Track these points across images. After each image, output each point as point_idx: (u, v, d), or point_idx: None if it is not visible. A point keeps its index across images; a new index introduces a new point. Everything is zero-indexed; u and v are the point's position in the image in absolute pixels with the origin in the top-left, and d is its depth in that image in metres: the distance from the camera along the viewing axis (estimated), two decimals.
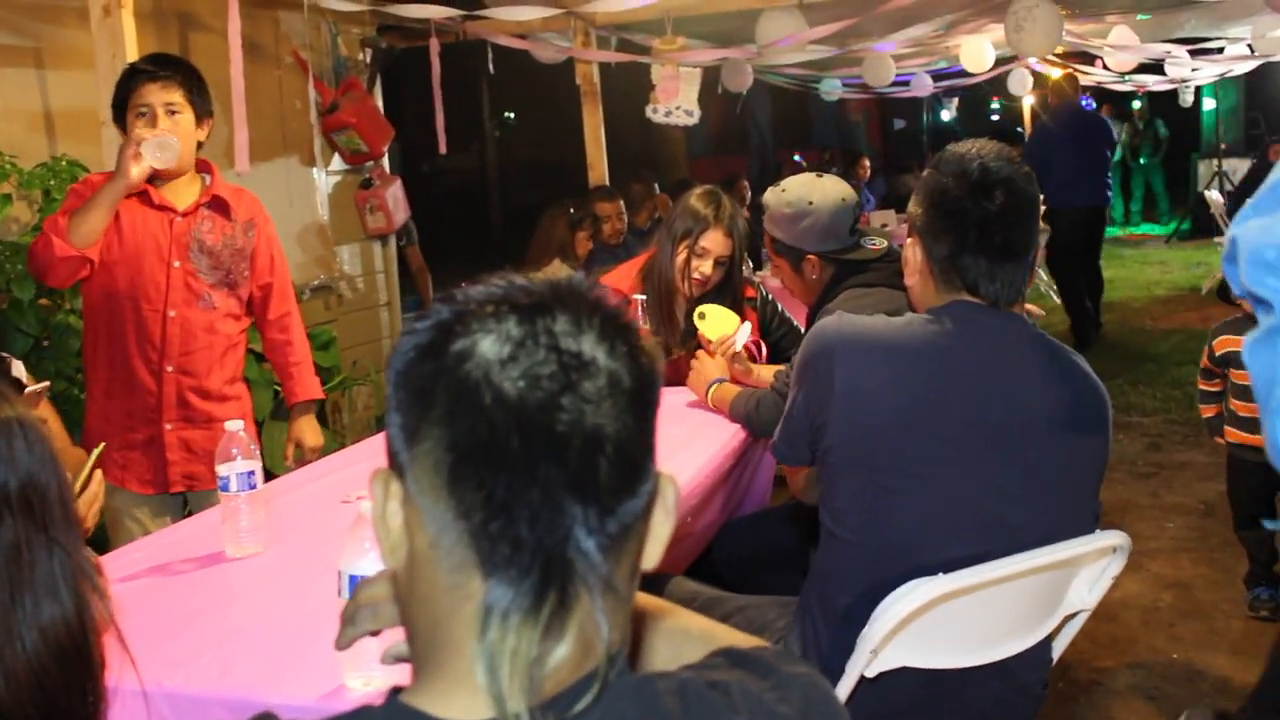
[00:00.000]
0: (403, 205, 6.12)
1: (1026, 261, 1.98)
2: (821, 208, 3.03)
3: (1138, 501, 5.18)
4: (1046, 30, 6.59)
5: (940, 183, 1.99)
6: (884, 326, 1.97)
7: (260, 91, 5.32)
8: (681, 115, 6.71)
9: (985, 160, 1.97)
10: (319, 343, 4.54)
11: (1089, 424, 1.98)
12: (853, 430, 1.93)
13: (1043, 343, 2.00)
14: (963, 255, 1.96)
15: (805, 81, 12.38)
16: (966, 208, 1.95)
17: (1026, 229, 1.97)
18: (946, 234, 1.97)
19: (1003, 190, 1.94)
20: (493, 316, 0.86)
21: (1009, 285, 1.96)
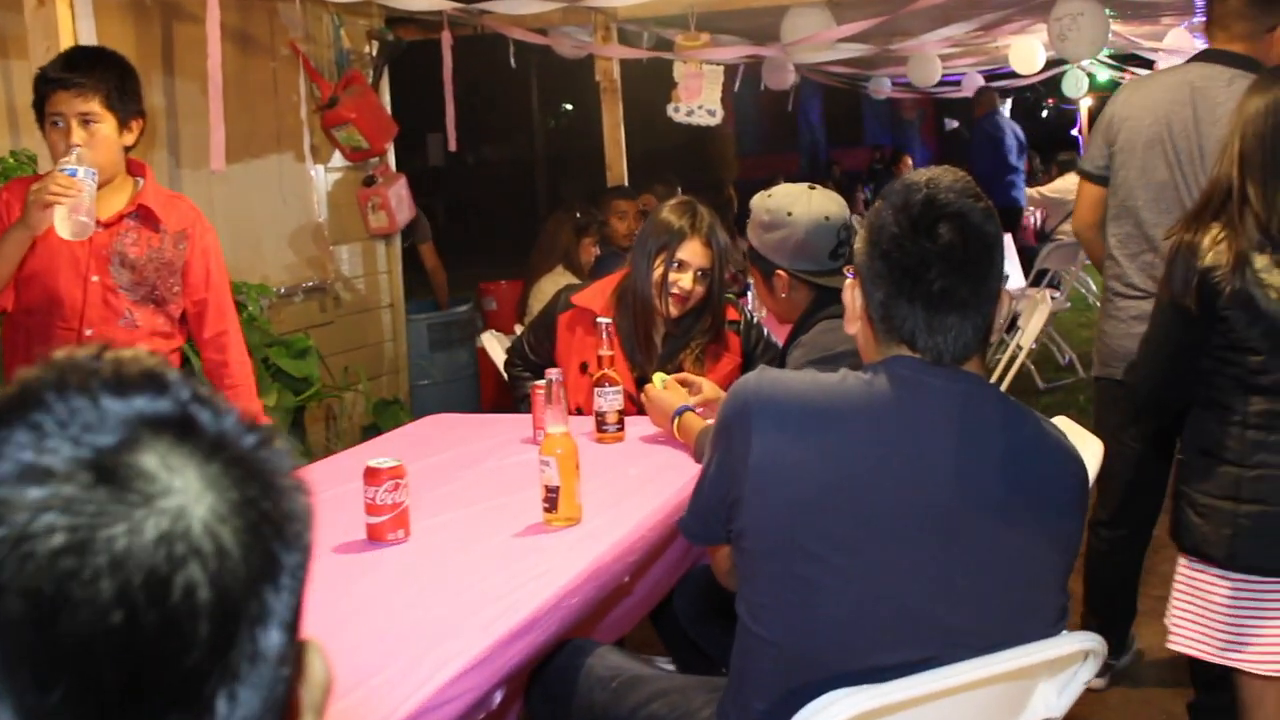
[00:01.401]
0: (407, 204, 5.88)
1: (980, 311, 1.66)
2: (799, 222, 2.74)
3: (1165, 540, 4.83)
4: (1092, 37, 6.26)
5: (879, 216, 1.70)
6: (811, 386, 1.69)
7: (253, 85, 5.11)
8: (704, 115, 6.43)
9: (933, 191, 1.66)
10: (293, 351, 4.31)
11: (1057, 506, 1.68)
12: (770, 511, 1.64)
13: (1003, 408, 1.70)
14: (897, 302, 1.66)
15: (853, 80, 12.06)
16: (903, 246, 1.65)
17: (977, 274, 1.65)
18: (882, 276, 1.68)
19: (949, 227, 1.63)
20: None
21: (954, 340, 1.65)
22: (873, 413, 1.64)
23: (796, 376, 1.70)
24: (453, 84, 6.10)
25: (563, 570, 2.13)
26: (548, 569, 2.13)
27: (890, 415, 1.63)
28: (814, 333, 2.70)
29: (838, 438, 1.62)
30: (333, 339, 5.54)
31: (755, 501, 1.64)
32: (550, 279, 5.43)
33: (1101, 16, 6.16)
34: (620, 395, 2.97)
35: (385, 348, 6.01)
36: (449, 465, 2.86)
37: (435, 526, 2.39)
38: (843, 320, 2.70)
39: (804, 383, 1.69)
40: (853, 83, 12.36)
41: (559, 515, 2.34)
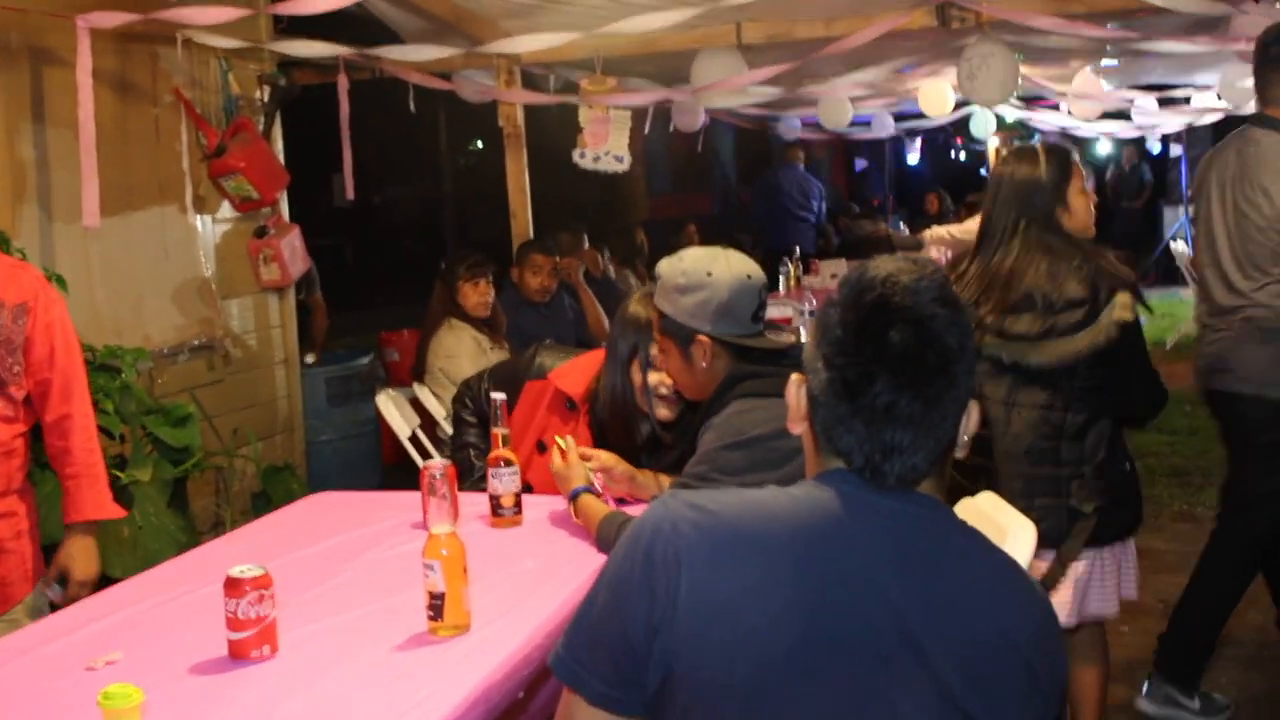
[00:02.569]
0: (301, 255, 5.62)
1: (935, 431, 1.43)
2: (721, 282, 2.54)
3: None
4: (1001, 80, 6.18)
5: (827, 314, 1.48)
6: (741, 510, 1.43)
7: (133, 133, 4.84)
8: (611, 161, 6.26)
9: (889, 291, 1.43)
10: (172, 419, 4.03)
11: (1015, 672, 1.41)
12: (710, 658, 1.36)
13: (960, 540, 1.48)
14: (836, 413, 1.44)
15: (762, 120, 12.02)
16: (846, 352, 1.43)
17: (932, 390, 1.42)
18: (822, 382, 1.45)
19: (903, 332, 1.41)
20: None
21: (900, 462, 1.42)
22: (805, 540, 1.41)
23: (723, 500, 1.46)
24: (350, 128, 5.88)
25: (448, 693, 1.91)
26: (430, 692, 1.91)
27: (824, 543, 1.41)
28: (726, 414, 2.51)
29: (766, 572, 1.38)
30: (222, 399, 5.25)
31: (690, 651, 1.37)
32: (449, 332, 5.19)
33: (1010, 60, 6.09)
34: (517, 476, 2.75)
35: (279, 405, 5.73)
36: (328, 558, 2.61)
37: (307, 638, 2.15)
38: (755, 400, 2.53)
39: (733, 507, 1.44)
40: (761, 123, 12.33)
41: (445, 624, 2.11)
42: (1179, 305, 11.73)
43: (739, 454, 2.42)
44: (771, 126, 12.39)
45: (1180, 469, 6.40)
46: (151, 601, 2.38)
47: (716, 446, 2.44)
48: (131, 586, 2.50)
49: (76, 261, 4.47)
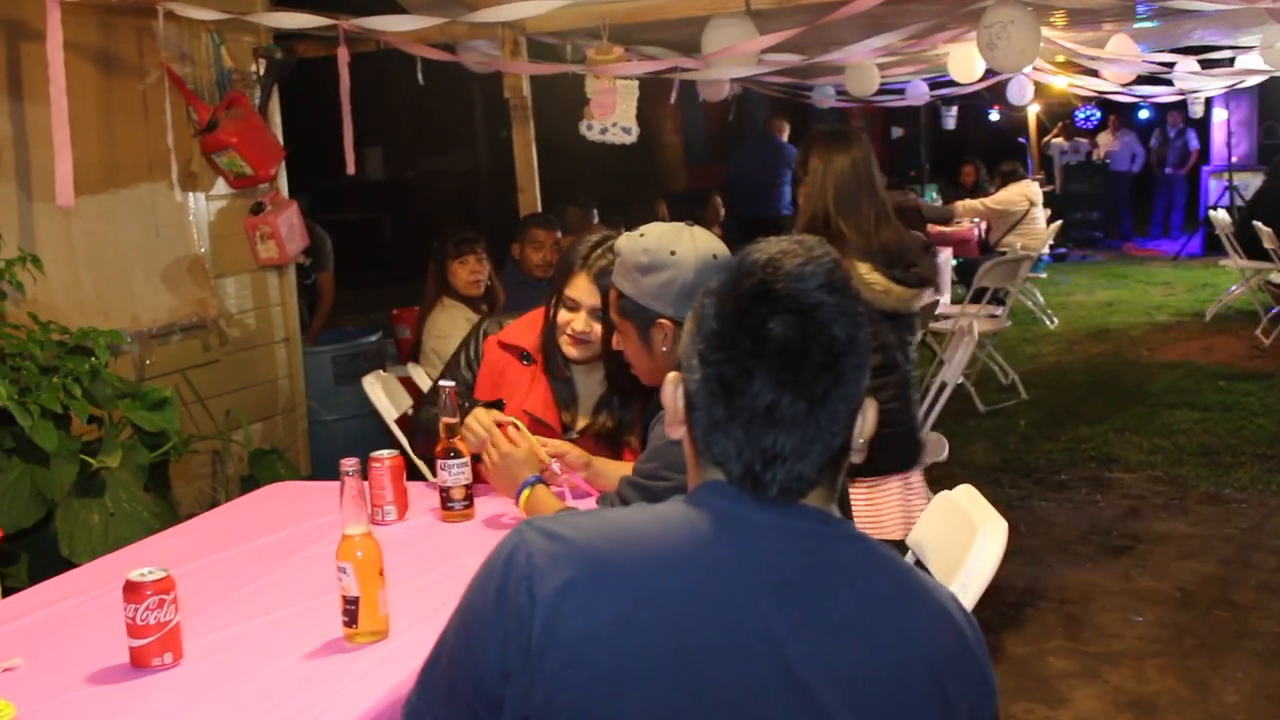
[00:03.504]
0: (299, 232, 5.50)
1: (823, 435, 1.27)
2: (685, 261, 2.37)
3: (1105, 586, 4.53)
4: (1023, 46, 5.94)
5: (703, 304, 1.33)
6: (600, 533, 1.28)
7: (120, 109, 4.72)
8: (618, 133, 6.08)
9: (770, 276, 1.28)
10: (149, 403, 3.92)
11: (923, 701, 1.27)
12: (568, 708, 1.22)
13: (855, 555, 1.31)
14: (712, 416, 1.29)
15: (794, 90, 11.77)
16: (722, 346, 1.28)
17: (819, 388, 1.26)
18: (698, 381, 1.30)
19: (785, 323, 1.25)
20: None
21: (784, 471, 1.27)
22: (673, 566, 1.25)
23: (582, 525, 1.30)
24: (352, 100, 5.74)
25: (351, 705, 1.78)
26: (330, 705, 1.78)
27: (693, 570, 1.25)
28: None
29: (628, 605, 1.23)
30: (218, 379, 5.16)
31: (549, 694, 1.22)
32: (441, 311, 5.06)
33: (1033, 25, 5.86)
34: (467, 468, 2.61)
35: (280, 385, 5.63)
36: (265, 555, 2.49)
37: (214, 645, 2.03)
38: None
39: (592, 533, 1.29)
40: (794, 93, 12.08)
41: (360, 631, 1.98)
42: (1220, 274, 11.42)
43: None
44: (805, 96, 12.14)
45: (1210, 447, 6.18)
46: (68, 603, 2.26)
47: (668, 441, 2.28)
48: (51, 587, 2.39)
49: (58, 241, 4.37)
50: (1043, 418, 6.97)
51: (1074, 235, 14.84)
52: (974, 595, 2.20)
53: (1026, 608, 4.36)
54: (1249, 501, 5.39)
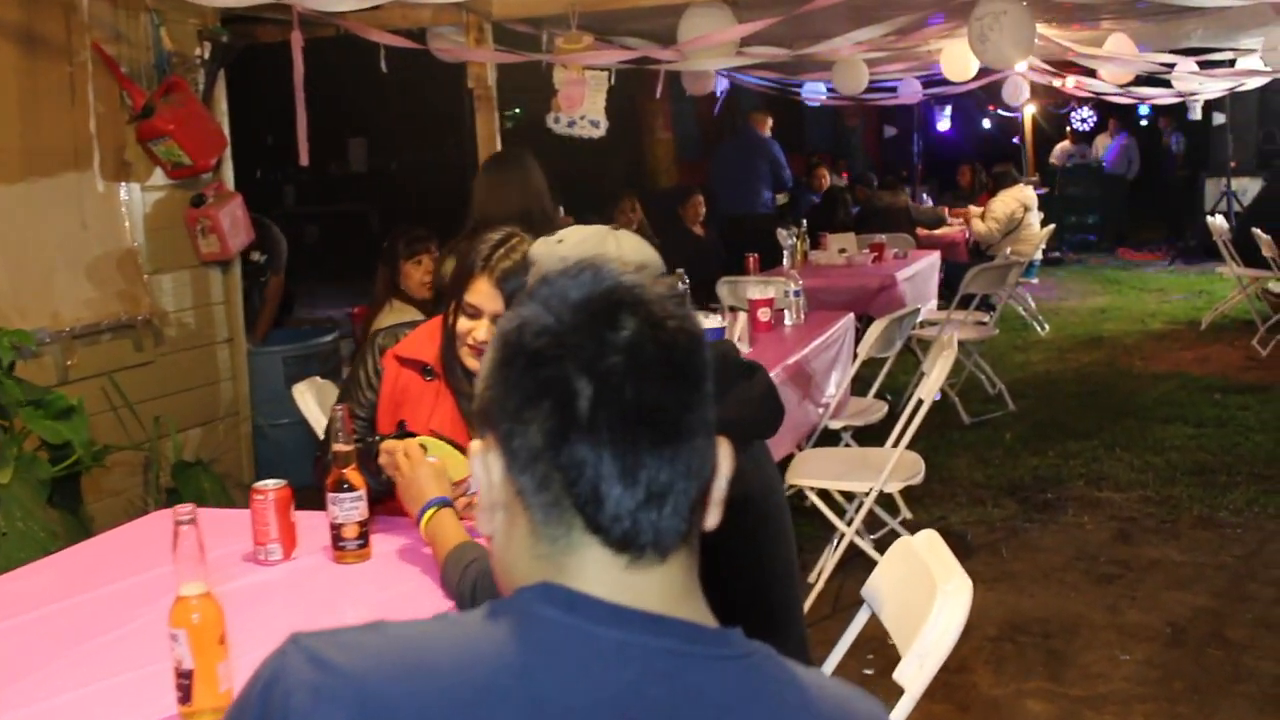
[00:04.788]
0: (244, 226, 5.18)
1: (692, 458, 1.00)
2: None
3: (1091, 619, 4.22)
4: (1016, 40, 5.66)
5: (513, 318, 1.03)
6: (381, 658, 0.95)
7: (43, 92, 4.41)
8: (586, 126, 5.79)
9: (608, 268, 1.04)
10: (53, 411, 3.61)
11: None
12: None
13: (743, 699, 0.99)
14: (569, 439, 0.97)
15: (784, 85, 11.47)
16: (563, 340, 0.99)
17: (683, 389, 1.00)
18: (532, 401, 0.99)
19: (637, 321, 0.99)
20: None
21: (665, 509, 0.98)
22: (478, 703, 0.93)
23: (361, 647, 0.96)
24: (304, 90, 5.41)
25: None
26: None
27: (508, 707, 0.93)
28: None
29: None
30: (152, 382, 4.84)
31: None
32: (389, 315, 4.76)
33: (1026, 17, 5.56)
34: (362, 503, 2.30)
35: (222, 388, 5.31)
36: (125, 600, 2.18)
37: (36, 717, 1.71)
38: None
39: (370, 660, 0.95)
40: (784, 89, 11.77)
41: (195, 709, 1.67)
42: (1216, 281, 11.12)
43: None
44: (796, 93, 11.83)
45: (1204, 466, 5.87)
46: None
47: None
48: None
49: None
50: (1030, 431, 6.66)
51: (1069, 239, 14.55)
52: (931, 668, 1.90)
53: (1006, 643, 4.06)
54: (1244, 526, 5.09)
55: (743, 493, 2.08)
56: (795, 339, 5.09)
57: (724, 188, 10.90)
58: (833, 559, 4.38)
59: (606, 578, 0.99)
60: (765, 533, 2.09)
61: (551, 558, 1.00)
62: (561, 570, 1.00)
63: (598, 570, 0.99)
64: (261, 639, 2.02)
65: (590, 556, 0.99)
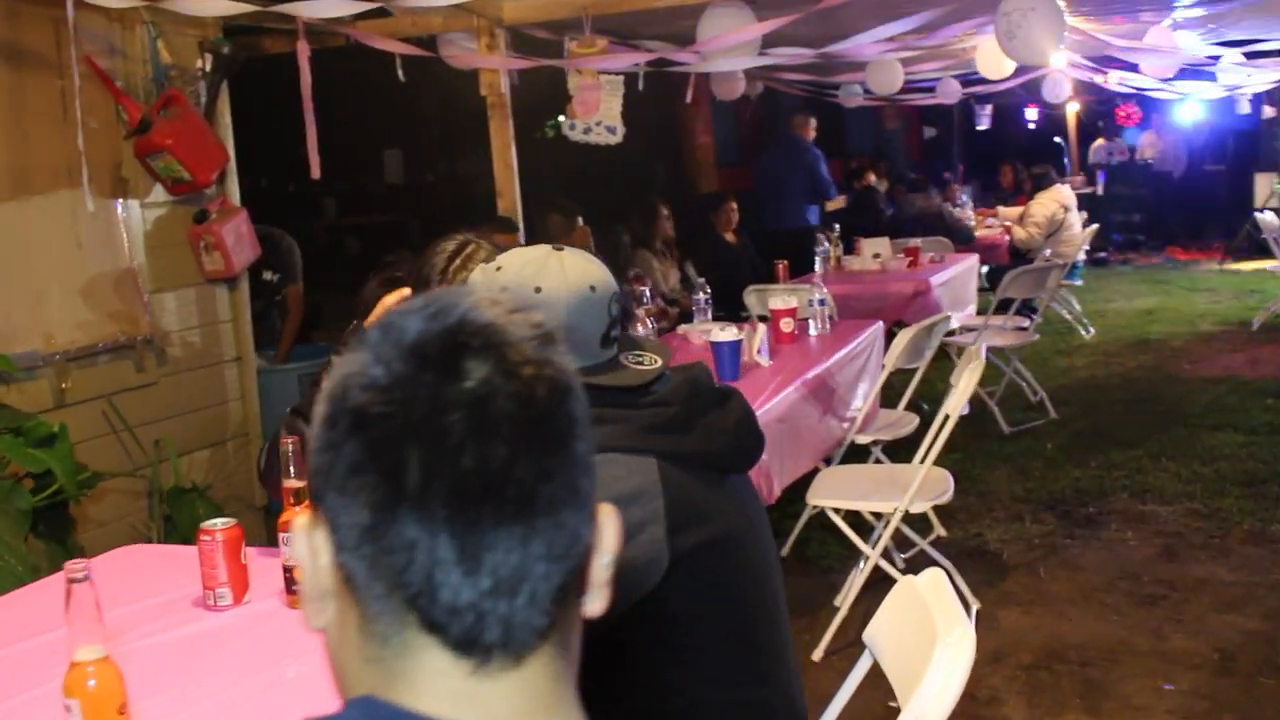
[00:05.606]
0: (248, 242, 5.03)
1: (554, 534, 0.81)
2: (554, 299, 1.85)
3: (1133, 644, 3.98)
4: (1045, 34, 5.41)
5: (341, 374, 0.84)
6: None
7: (34, 108, 4.29)
8: (602, 132, 5.60)
9: (470, 312, 0.84)
10: (33, 438, 3.46)
11: None
12: None
13: None
14: (397, 516, 0.79)
15: (819, 88, 11.24)
16: (391, 394, 0.80)
17: (540, 448, 0.81)
18: (357, 471, 0.80)
19: (485, 363, 0.81)
20: None
21: (510, 592, 0.80)
22: None
23: None
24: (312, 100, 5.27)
25: None
26: None
27: None
28: None
29: None
30: (155, 404, 4.70)
31: None
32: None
33: (1055, 12, 5.32)
34: None
35: (230, 408, 5.16)
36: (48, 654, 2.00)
37: None
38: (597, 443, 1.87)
39: None
40: (819, 91, 11.55)
41: None
42: (1269, 280, 10.78)
43: None
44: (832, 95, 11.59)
45: (1255, 476, 5.59)
46: None
47: None
48: None
49: None
50: (1072, 440, 6.40)
51: (1115, 239, 14.21)
52: None
53: (1041, 671, 3.82)
54: None
55: (721, 531, 1.88)
56: (819, 350, 4.88)
57: (766, 198, 10.51)
58: (858, 583, 4.15)
59: (446, 688, 0.80)
60: (748, 574, 1.89)
61: (383, 662, 0.81)
62: (393, 679, 0.81)
63: (435, 679, 0.80)
64: (209, 689, 1.86)
65: (427, 661, 0.80)
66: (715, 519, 1.84)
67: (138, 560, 2.58)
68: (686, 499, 1.81)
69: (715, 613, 1.84)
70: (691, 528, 1.80)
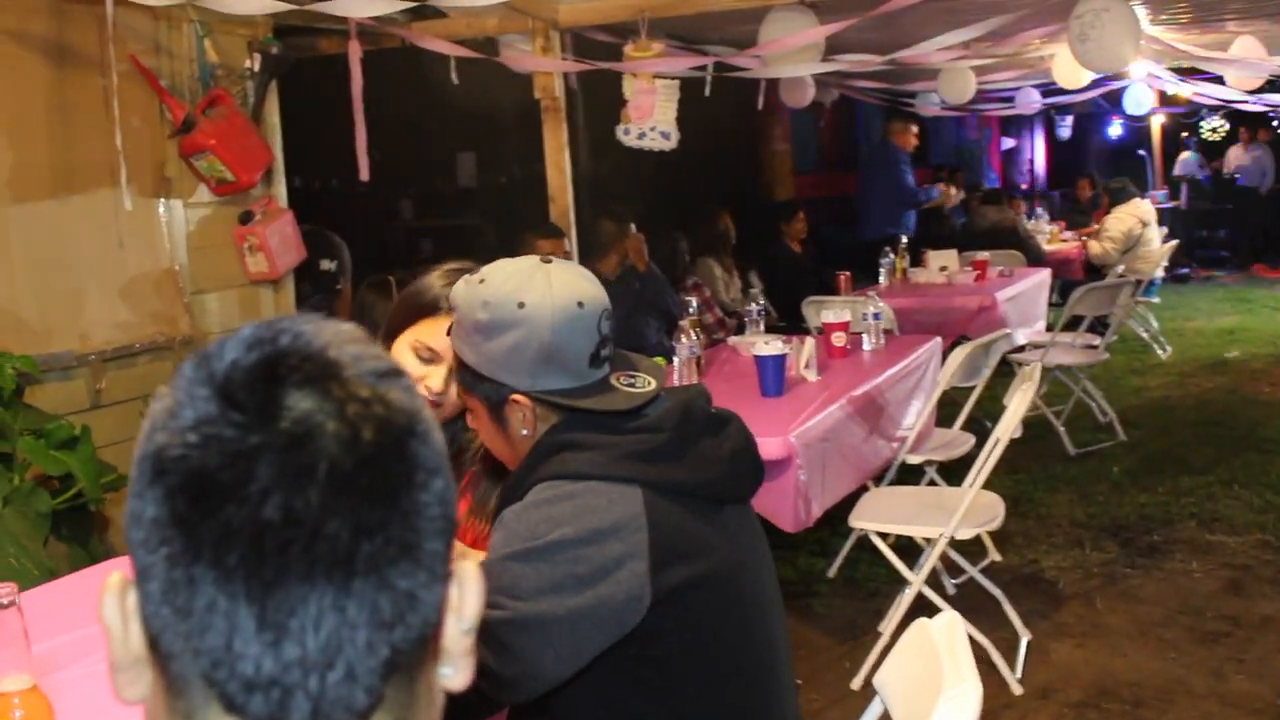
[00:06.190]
0: (294, 245, 4.98)
1: (386, 591, 0.69)
2: (538, 316, 1.74)
3: (1191, 684, 3.77)
4: (1120, 39, 5.21)
5: (153, 411, 0.74)
6: None
7: (76, 107, 4.25)
8: (656, 138, 5.48)
9: (292, 342, 0.73)
10: (55, 440, 3.41)
11: None
12: None
13: None
14: (192, 577, 0.68)
15: (894, 96, 11.05)
16: (195, 446, 0.69)
17: (365, 497, 0.69)
18: (157, 535, 0.69)
19: (306, 398, 0.70)
20: None
21: (324, 665, 0.67)
22: None
23: None
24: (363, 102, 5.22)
25: None
26: None
27: None
28: (524, 505, 1.71)
29: None
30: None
31: None
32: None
33: (1129, 16, 5.12)
34: None
35: None
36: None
37: None
38: (566, 484, 1.74)
39: None
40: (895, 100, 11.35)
41: None
42: None
43: (531, 569, 1.63)
44: (909, 103, 11.37)
45: None
46: None
47: (502, 555, 1.66)
48: None
49: None
50: (1140, 464, 6.17)
51: (1199, 255, 13.83)
52: None
53: (1090, 710, 3.64)
54: None
55: (712, 568, 1.75)
56: (871, 366, 4.71)
57: (863, 210, 10.32)
58: (899, 611, 3.98)
59: None
60: (741, 614, 1.75)
61: None
62: None
63: None
64: None
65: None
66: (705, 554, 1.71)
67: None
68: (673, 532, 1.68)
69: (703, 656, 1.71)
70: (678, 563, 1.68)
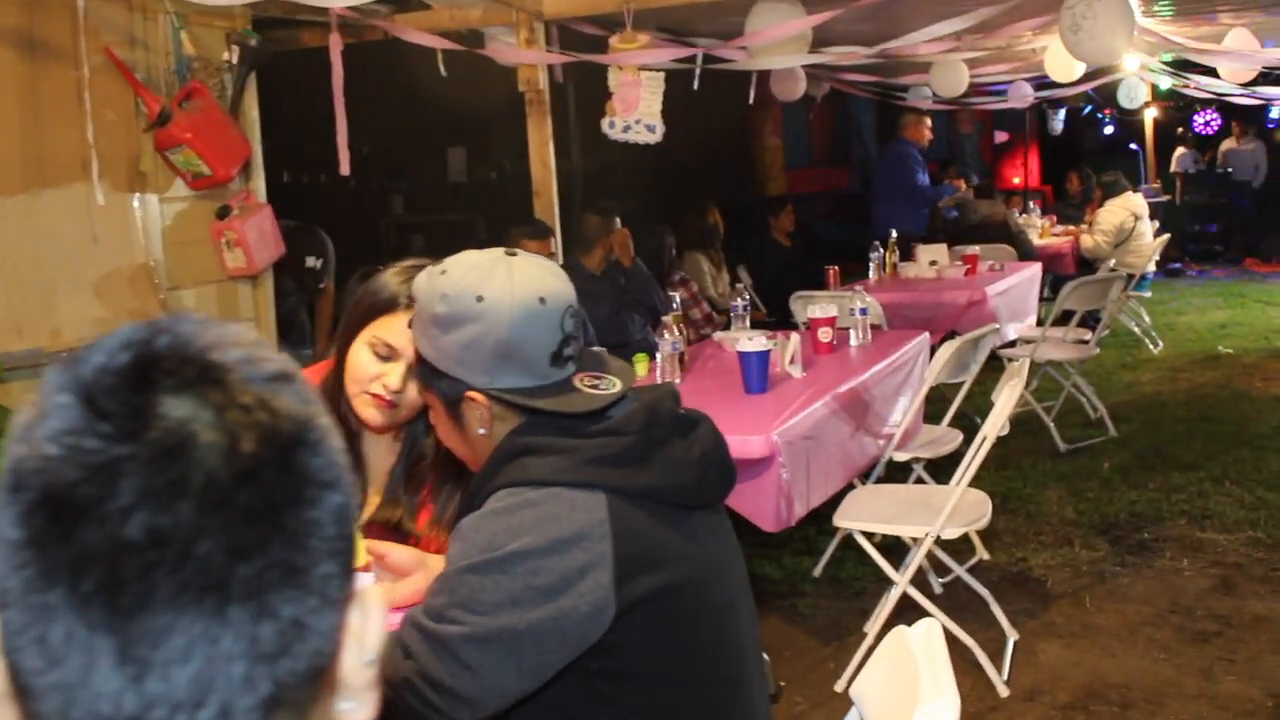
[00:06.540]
0: (272, 240, 4.90)
1: (266, 620, 0.63)
2: (497, 310, 1.67)
3: (1181, 685, 3.71)
4: (1112, 30, 5.15)
5: (18, 420, 0.69)
6: None
7: (48, 100, 4.17)
8: (641, 131, 5.41)
9: (171, 342, 0.68)
10: None
11: None
12: None
13: None
14: (47, 604, 0.62)
15: (886, 90, 10.98)
16: (52, 459, 0.64)
17: (242, 515, 0.63)
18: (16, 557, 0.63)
19: (184, 404, 0.65)
20: None
21: (192, 705, 0.61)
22: None
23: None
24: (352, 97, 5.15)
25: None
26: None
27: None
28: (483, 512, 1.65)
29: None
30: None
31: None
32: None
33: (1122, 5, 5.05)
34: None
35: None
36: None
37: None
38: (527, 491, 1.67)
39: None
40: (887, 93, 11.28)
41: None
42: None
43: (490, 580, 1.56)
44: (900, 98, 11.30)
45: None
46: None
47: (460, 567, 1.59)
48: None
49: None
50: (1131, 460, 6.11)
51: (1191, 249, 13.78)
52: None
53: (1078, 712, 3.58)
54: None
55: (680, 577, 1.68)
56: (858, 361, 4.64)
57: (872, 207, 10.31)
58: (885, 611, 3.92)
59: None
60: (710, 624, 1.69)
61: None
62: None
63: None
64: None
65: None
66: (673, 564, 1.65)
67: None
68: (639, 541, 1.62)
69: (670, 668, 1.64)
70: (643, 573, 1.61)
